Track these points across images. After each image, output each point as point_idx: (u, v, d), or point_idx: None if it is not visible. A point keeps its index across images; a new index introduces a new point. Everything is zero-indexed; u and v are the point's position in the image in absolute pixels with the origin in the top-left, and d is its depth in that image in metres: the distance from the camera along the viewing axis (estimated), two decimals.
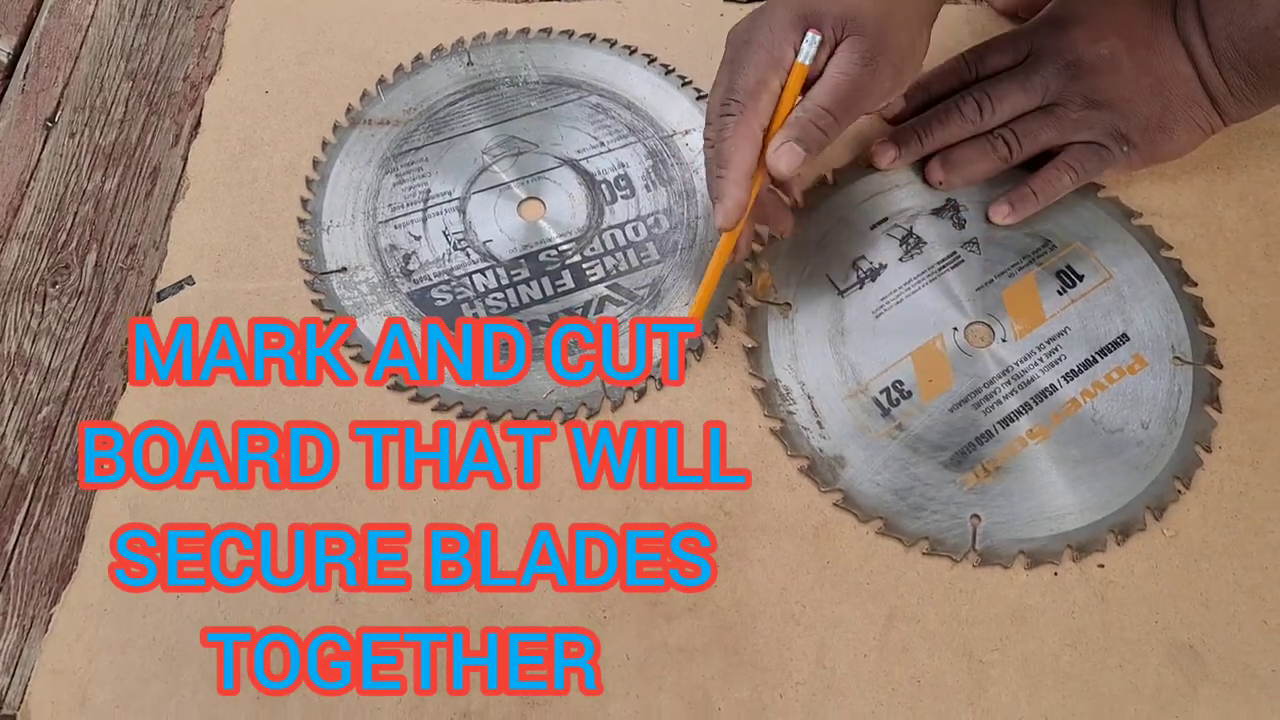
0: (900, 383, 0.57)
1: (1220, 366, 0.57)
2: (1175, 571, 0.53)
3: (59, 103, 0.68)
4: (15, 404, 0.58)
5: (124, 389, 0.58)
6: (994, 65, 0.62)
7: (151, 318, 0.60)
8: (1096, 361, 0.57)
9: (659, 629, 0.52)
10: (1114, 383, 0.57)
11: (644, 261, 0.61)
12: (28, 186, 0.65)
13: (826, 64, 0.53)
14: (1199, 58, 0.58)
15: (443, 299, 0.60)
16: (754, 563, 0.54)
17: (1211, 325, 0.58)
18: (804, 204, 0.62)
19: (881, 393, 0.57)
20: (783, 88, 0.53)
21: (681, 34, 0.68)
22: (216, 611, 0.52)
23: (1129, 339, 0.58)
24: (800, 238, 0.61)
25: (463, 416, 0.57)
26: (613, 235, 0.62)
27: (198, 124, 0.66)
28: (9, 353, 0.60)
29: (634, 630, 0.52)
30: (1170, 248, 0.61)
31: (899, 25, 0.53)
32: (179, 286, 0.60)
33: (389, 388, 0.58)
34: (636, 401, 0.57)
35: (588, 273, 0.61)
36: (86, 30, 0.70)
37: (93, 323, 0.60)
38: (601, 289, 0.60)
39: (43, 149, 0.66)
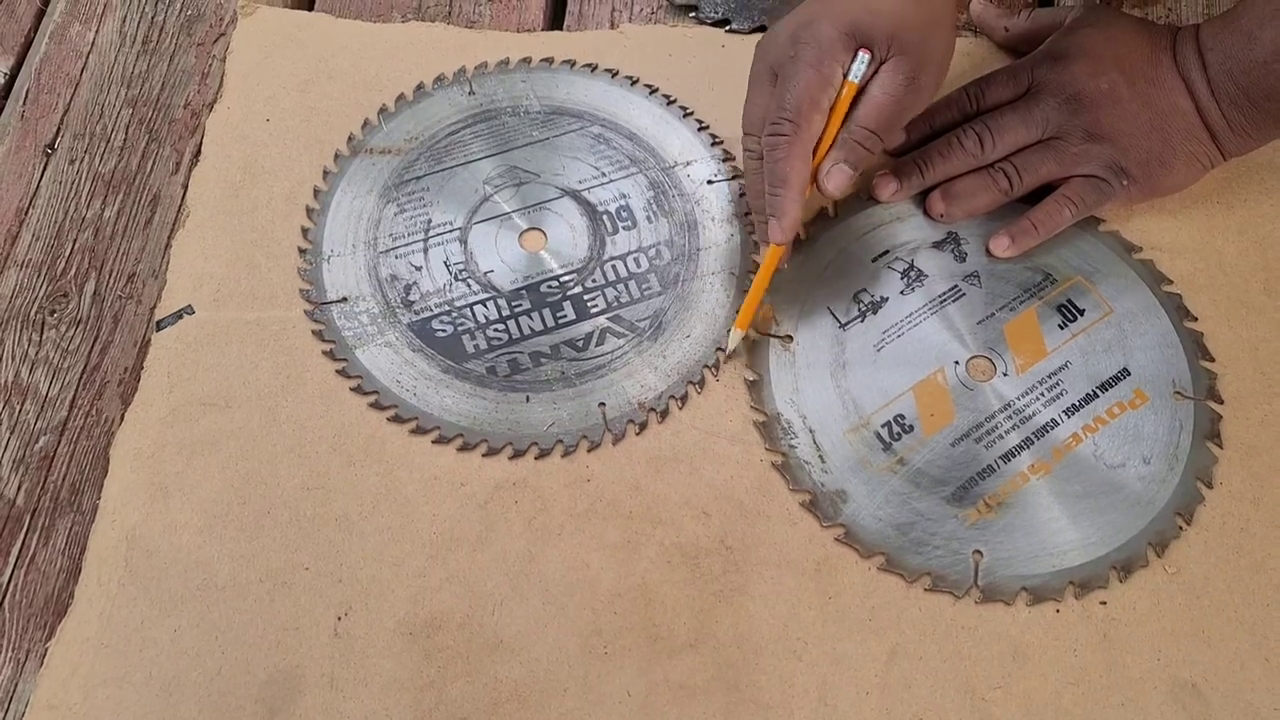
0: (902, 417, 0.57)
1: (1221, 402, 0.57)
2: (1178, 609, 0.53)
3: (59, 129, 0.67)
4: (12, 434, 0.58)
5: (121, 419, 0.57)
6: (995, 98, 0.62)
7: (150, 347, 0.59)
8: (1098, 396, 0.57)
9: (660, 665, 0.52)
10: (1115, 418, 0.57)
11: (645, 293, 0.61)
12: (26, 214, 0.64)
13: (870, 81, 0.54)
14: (1198, 93, 0.59)
15: (443, 330, 0.60)
16: (755, 598, 0.53)
17: (1212, 360, 0.59)
18: (805, 236, 0.63)
19: (883, 426, 0.57)
20: (831, 106, 0.54)
21: (683, 65, 0.69)
22: (214, 646, 0.52)
23: (1130, 374, 0.58)
24: (802, 270, 0.62)
25: (463, 449, 0.57)
26: (614, 266, 0.62)
27: (198, 152, 0.66)
28: (6, 381, 0.59)
29: (635, 666, 0.52)
30: (1170, 282, 0.61)
31: (938, 39, 0.55)
32: (178, 316, 0.60)
33: (389, 419, 0.57)
34: (638, 435, 0.57)
35: (589, 304, 0.61)
36: (87, 57, 0.70)
37: (91, 351, 0.60)
38: (603, 320, 0.60)
39: (42, 176, 0.66)
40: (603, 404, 0.58)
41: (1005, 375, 0.58)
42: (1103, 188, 0.60)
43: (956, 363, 0.59)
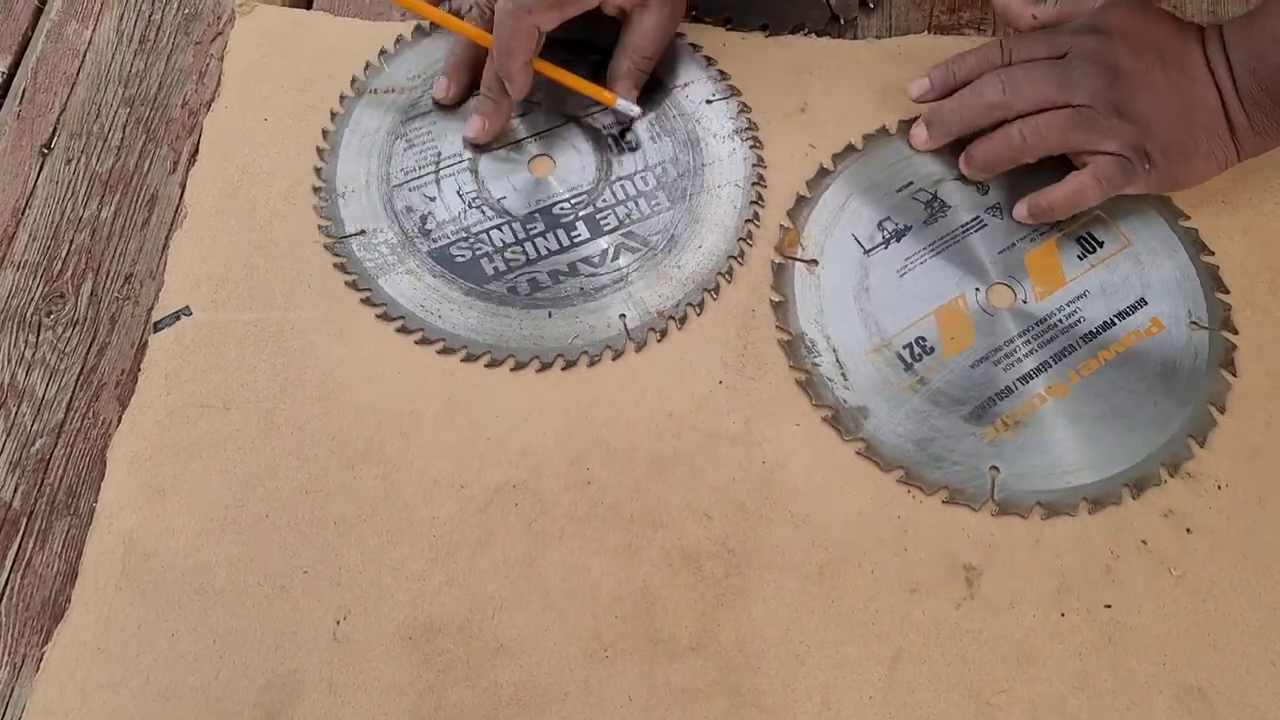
0: (923, 339, 0.59)
1: (1236, 332, 0.59)
2: (1183, 612, 0.52)
3: (55, 129, 0.67)
4: (8, 436, 0.58)
5: (119, 421, 0.57)
6: (1028, 54, 0.61)
7: (148, 348, 0.59)
8: (1114, 324, 0.59)
9: (661, 669, 0.52)
10: (1130, 345, 0.58)
11: (655, 209, 0.63)
12: (23, 214, 0.64)
13: (638, 12, 0.62)
14: (1224, 90, 0.58)
15: (462, 255, 0.62)
16: (758, 601, 0.53)
17: (1227, 292, 0.60)
18: (833, 167, 0.64)
19: (905, 348, 0.59)
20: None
21: None
22: (212, 651, 0.52)
23: (1146, 304, 0.59)
24: (828, 199, 0.63)
25: (491, 365, 0.58)
26: (623, 186, 0.64)
27: (196, 151, 0.65)
28: (2, 384, 0.59)
29: (636, 670, 0.51)
30: (1188, 217, 0.62)
31: None
32: (176, 317, 0.60)
33: (416, 341, 0.59)
34: (659, 341, 0.59)
35: (602, 223, 0.63)
36: (84, 56, 0.70)
37: (88, 353, 0.60)
38: (617, 237, 0.62)
39: (39, 176, 0.65)
40: (623, 315, 0.60)
41: (1025, 302, 0.60)
42: (1128, 169, 0.59)
43: (977, 289, 0.60)
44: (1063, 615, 0.52)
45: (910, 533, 0.54)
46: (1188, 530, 0.54)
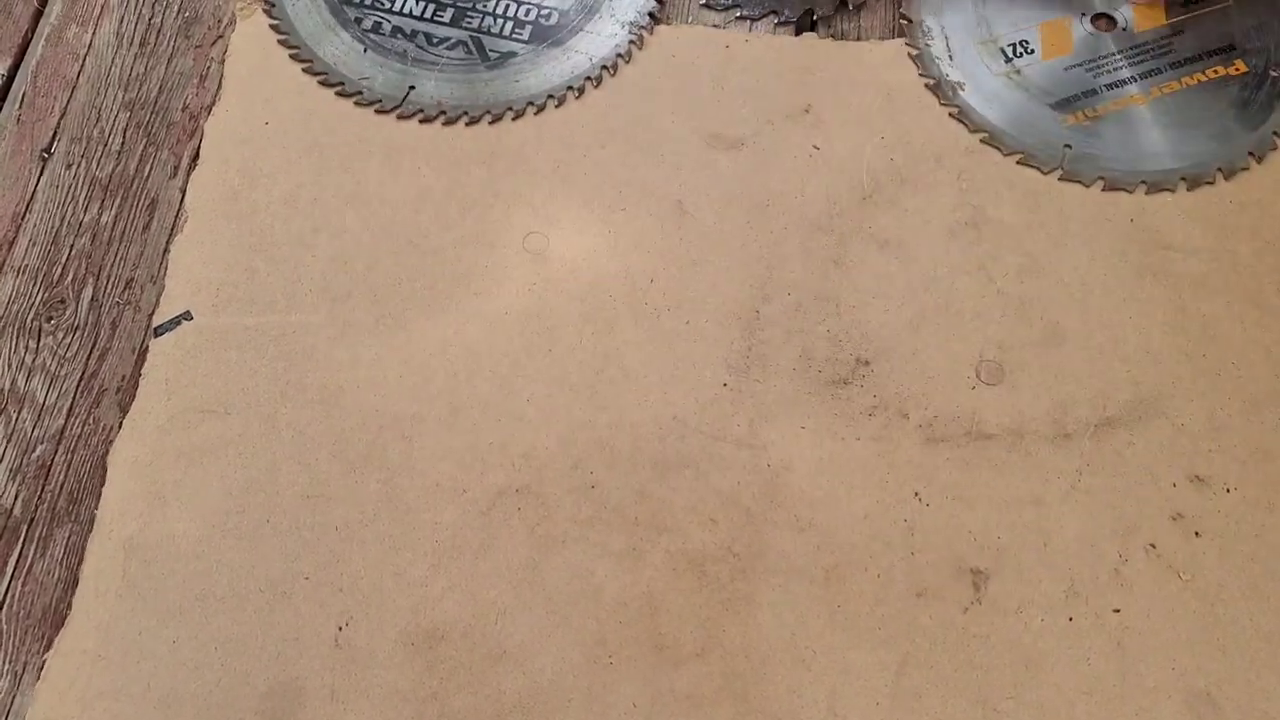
0: (1026, 42, 0.68)
1: None
2: (1192, 617, 0.52)
3: (55, 133, 0.67)
4: (8, 442, 0.57)
5: (119, 427, 0.57)
6: None
7: (149, 353, 0.59)
8: (1201, 59, 0.67)
9: (666, 675, 0.51)
10: (1213, 78, 0.66)
11: (513, 36, 0.68)
12: (23, 219, 0.64)
13: None
14: None
15: None
16: (763, 606, 0.53)
17: None
18: None
19: (1009, 45, 0.68)
20: None
21: (685, 66, 0.68)
22: (213, 657, 0.51)
23: (1234, 49, 0.67)
24: None
25: (295, 58, 0.67)
26: (508, 6, 0.69)
27: (196, 155, 0.65)
28: (3, 389, 0.58)
29: (641, 676, 0.51)
30: None
31: None
32: (176, 321, 0.59)
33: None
34: (423, 123, 0.66)
35: (464, 18, 0.68)
36: (84, 59, 0.69)
37: (89, 359, 0.59)
38: (464, 34, 0.68)
39: (39, 180, 0.65)
40: (413, 88, 0.66)
41: (1124, 30, 0.68)
42: None
43: (1084, 15, 0.69)
44: (1070, 619, 0.52)
45: (917, 536, 0.54)
46: (1196, 534, 0.54)
